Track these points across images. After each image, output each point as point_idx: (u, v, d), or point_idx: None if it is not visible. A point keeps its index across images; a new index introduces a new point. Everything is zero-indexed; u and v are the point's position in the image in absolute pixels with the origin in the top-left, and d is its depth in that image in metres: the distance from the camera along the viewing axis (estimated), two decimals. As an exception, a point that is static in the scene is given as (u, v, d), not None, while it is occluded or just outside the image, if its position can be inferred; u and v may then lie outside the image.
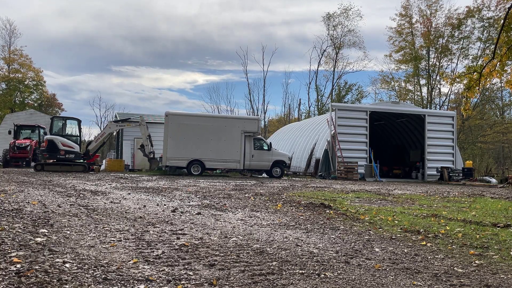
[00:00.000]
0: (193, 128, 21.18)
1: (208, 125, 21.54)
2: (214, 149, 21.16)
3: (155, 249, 4.14)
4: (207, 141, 21.17)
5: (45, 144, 20.03)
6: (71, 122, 21.52)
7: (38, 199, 7.49)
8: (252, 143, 21.83)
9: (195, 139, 21.11)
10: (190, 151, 21.02)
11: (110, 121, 22.47)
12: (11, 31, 51.68)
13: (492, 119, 45.72)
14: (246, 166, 21.75)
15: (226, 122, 22.08)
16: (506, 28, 10.27)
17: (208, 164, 21.38)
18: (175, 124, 21.23)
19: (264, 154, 21.90)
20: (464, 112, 11.88)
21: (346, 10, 48.96)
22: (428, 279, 3.55)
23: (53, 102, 58.67)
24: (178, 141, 21.05)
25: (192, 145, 21.03)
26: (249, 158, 21.65)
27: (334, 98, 49.51)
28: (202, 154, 21.09)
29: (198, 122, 21.59)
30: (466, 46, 42.93)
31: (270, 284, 3.20)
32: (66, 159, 20.07)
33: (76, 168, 19.88)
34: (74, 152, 20.27)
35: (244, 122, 21.95)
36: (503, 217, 7.62)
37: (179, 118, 21.78)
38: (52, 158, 19.99)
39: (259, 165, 21.92)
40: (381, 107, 27.49)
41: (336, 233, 5.55)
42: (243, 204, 8.40)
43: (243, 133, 21.50)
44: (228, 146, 21.33)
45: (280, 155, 22.50)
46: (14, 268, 3.16)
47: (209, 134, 21.22)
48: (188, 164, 21.08)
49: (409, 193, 13.09)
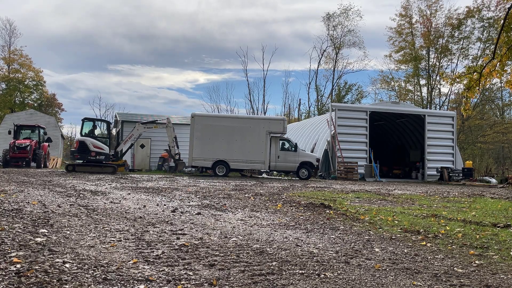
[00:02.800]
0: (218, 129, 21.18)
1: (233, 125, 21.45)
2: (239, 149, 21.04)
3: (155, 249, 4.13)
4: (231, 141, 21.07)
5: (76, 145, 20.19)
6: (101, 124, 21.74)
7: (38, 199, 7.49)
8: (278, 144, 21.50)
9: (220, 139, 21.06)
10: (215, 152, 20.99)
11: (138, 123, 22.62)
12: (11, 31, 51.71)
13: (492, 119, 45.72)
14: (271, 167, 21.46)
15: (251, 122, 21.86)
16: (506, 28, 10.27)
17: (233, 165, 21.21)
18: (201, 125, 21.34)
19: (290, 155, 21.45)
20: (464, 112, 11.88)
21: (346, 10, 49.00)
22: (428, 279, 3.55)
23: (53, 102, 58.65)
24: (204, 142, 21.10)
25: (217, 145, 21.00)
26: (275, 159, 21.32)
27: (334, 98, 49.51)
28: (227, 154, 21.01)
29: (223, 123, 21.61)
30: (466, 46, 42.98)
31: (270, 284, 3.20)
32: (96, 161, 20.19)
33: (106, 170, 19.89)
34: (104, 153, 20.44)
35: (269, 123, 21.61)
36: (503, 217, 7.62)
37: (204, 119, 21.97)
38: (82, 159, 20.13)
39: (285, 166, 21.50)
40: (381, 107, 27.50)
41: (336, 233, 5.55)
42: (243, 204, 8.41)
43: (268, 134, 21.19)
44: (253, 147, 21.08)
45: (307, 156, 21.89)
46: (14, 268, 3.16)
47: (234, 134, 21.11)
48: (213, 164, 21.07)
49: (409, 193, 13.09)
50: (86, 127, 21.01)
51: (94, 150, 19.98)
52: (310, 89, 52.86)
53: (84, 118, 21.61)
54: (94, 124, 21.40)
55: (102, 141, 20.80)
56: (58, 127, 41.48)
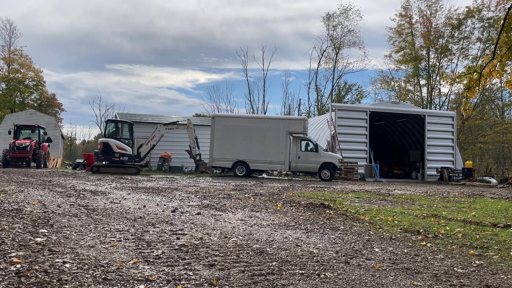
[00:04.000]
0: (238, 130, 21.14)
1: (252, 126, 21.29)
2: (259, 150, 20.85)
3: (155, 249, 4.13)
4: (251, 142, 20.92)
5: (100, 146, 20.30)
6: (124, 125, 21.82)
7: (38, 199, 7.48)
8: (299, 144, 21.05)
9: (240, 140, 20.99)
10: (235, 152, 20.92)
11: (160, 125, 22.78)
12: (11, 31, 51.72)
13: (492, 119, 45.72)
14: (292, 168, 21.08)
15: (271, 122, 21.51)
16: (506, 28, 10.28)
17: (253, 166, 21.04)
18: (221, 126, 21.33)
19: (311, 155, 20.88)
20: (464, 112, 11.88)
21: (346, 10, 48.97)
22: (428, 279, 3.55)
23: (53, 102, 58.67)
24: (224, 143, 21.08)
25: (237, 146, 20.94)
26: (295, 160, 20.91)
27: (334, 98, 49.50)
28: (246, 155, 20.89)
29: (243, 123, 21.55)
30: (466, 47, 42.99)
31: (270, 284, 3.20)
32: (120, 162, 20.32)
33: (129, 171, 20.09)
34: (127, 154, 20.56)
35: (289, 123, 21.25)
36: (503, 217, 7.62)
37: (225, 120, 21.97)
38: (106, 160, 20.27)
39: (306, 167, 21.03)
40: (381, 107, 27.50)
41: (336, 233, 5.55)
42: (243, 204, 8.40)
43: (288, 134, 20.84)
44: (273, 147, 20.79)
45: (329, 156, 21.17)
46: (14, 268, 3.16)
47: (253, 135, 20.96)
48: (233, 165, 21.01)
49: (409, 193, 13.09)
50: (109, 129, 21.20)
51: (118, 151, 20.17)
52: (310, 89, 52.87)
53: (107, 120, 22.06)
54: (116, 126, 21.50)
55: (125, 142, 20.95)
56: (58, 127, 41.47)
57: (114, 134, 20.97)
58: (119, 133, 21.12)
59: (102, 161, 20.29)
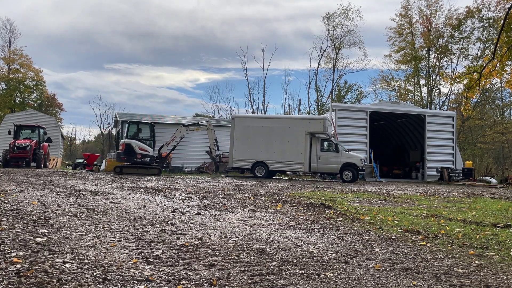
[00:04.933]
0: (257, 130, 21.02)
1: (272, 126, 21.07)
2: (278, 150, 20.62)
3: (155, 249, 4.13)
4: (270, 142, 20.74)
5: (123, 147, 20.54)
6: (145, 127, 22.04)
7: (38, 199, 7.48)
8: (319, 144, 20.61)
9: (259, 140, 20.85)
10: (254, 153, 20.82)
11: (181, 126, 23.00)
12: (11, 31, 51.73)
13: (492, 119, 45.74)
14: (312, 168, 20.67)
15: (290, 122, 21.31)
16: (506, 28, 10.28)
17: (272, 166, 20.83)
18: (241, 127, 21.29)
19: (332, 156, 20.40)
20: (464, 112, 11.89)
21: (346, 10, 48.94)
22: (428, 279, 3.55)
23: (53, 102, 58.69)
24: (243, 143, 21.01)
25: (256, 147, 20.81)
26: (315, 160, 20.46)
27: (334, 98, 49.48)
28: (266, 156, 20.72)
29: (262, 124, 21.43)
30: (466, 47, 42.99)
31: (270, 284, 3.20)
32: (142, 162, 20.54)
33: (151, 171, 20.31)
34: (149, 155, 20.75)
35: (309, 122, 20.89)
36: (503, 217, 7.62)
37: (244, 121, 21.91)
38: (129, 161, 20.48)
39: (326, 168, 20.64)
40: (381, 107, 27.49)
41: (336, 233, 5.55)
42: (243, 204, 8.40)
43: (308, 134, 20.43)
44: (292, 148, 20.48)
45: (351, 157, 20.52)
46: (14, 268, 3.16)
47: (272, 135, 20.76)
48: (252, 166, 20.92)
49: (409, 193, 13.09)
50: (131, 130, 21.41)
51: (140, 152, 20.41)
52: (310, 89, 52.83)
53: (129, 121, 22.22)
54: (138, 127, 21.74)
55: (146, 143, 21.16)
56: (58, 127, 41.49)
57: (136, 135, 21.23)
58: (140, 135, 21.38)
59: (125, 162, 20.55)
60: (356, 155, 20.94)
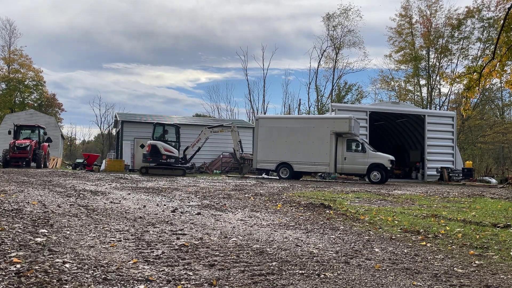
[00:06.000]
0: (281, 131, 20.84)
1: (296, 126, 20.79)
2: (302, 151, 20.30)
3: (155, 249, 4.13)
4: (295, 143, 20.47)
5: (149, 148, 20.81)
6: (171, 128, 22.35)
7: (38, 199, 7.48)
8: (345, 144, 20.04)
9: (283, 141, 20.65)
10: (279, 154, 20.63)
11: (205, 128, 23.19)
12: (11, 31, 51.75)
13: (492, 119, 45.75)
14: (338, 169, 20.16)
15: (315, 122, 20.93)
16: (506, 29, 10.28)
17: (296, 167, 20.56)
18: (265, 128, 21.17)
19: (358, 156, 19.79)
20: (464, 112, 11.90)
21: (346, 10, 48.97)
22: (428, 279, 3.55)
23: (53, 102, 58.71)
24: (268, 144, 20.89)
25: (280, 147, 20.61)
26: (341, 161, 19.92)
27: (334, 98, 49.51)
28: (290, 156, 20.48)
29: (286, 124, 21.21)
30: (466, 47, 43.02)
31: (270, 284, 3.20)
32: (167, 163, 20.77)
33: (176, 172, 20.65)
34: (174, 156, 20.99)
35: (334, 122, 20.26)
36: (503, 217, 7.62)
37: (268, 121, 21.80)
38: (154, 162, 20.70)
39: (353, 168, 19.99)
40: (381, 107, 27.49)
41: (336, 233, 5.55)
42: (243, 204, 8.40)
43: (333, 134, 19.95)
44: (317, 148, 20.05)
45: (378, 157, 19.85)
46: (14, 268, 3.16)
47: (297, 136, 20.48)
48: (276, 167, 20.74)
49: (409, 194, 13.09)
50: (157, 131, 21.70)
51: (165, 153, 20.64)
52: (310, 89, 52.90)
53: (155, 123, 22.61)
54: (164, 129, 22.05)
55: (172, 144, 21.41)
56: (58, 127, 41.51)
57: (162, 137, 21.52)
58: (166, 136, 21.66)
59: (150, 163, 20.79)
60: (384, 155, 20.25)
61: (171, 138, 21.82)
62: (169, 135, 21.80)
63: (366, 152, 19.84)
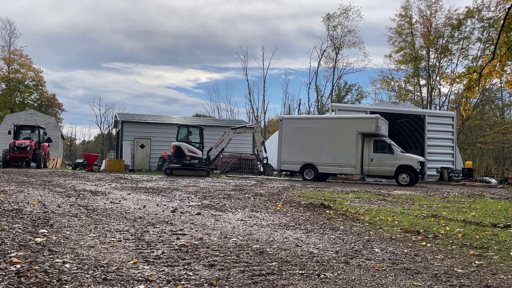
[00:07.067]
0: (306, 131, 20.46)
1: (320, 127, 20.43)
2: (327, 152, 19.84)
3: (155, 249, 4.13)
4: (319, 144, 20.04)
5: (173, 150, 21.07)
6: (195, 130, 22.57)
7: (38, 199, 7.48)
8: (372, 145, 19.44)
9: (307, 142, 20.27)
10: (303, 155, 20.26)
11: (228, 129, 23.23)
12: (11, 31, 51.75)
13: (492, 120, 45.76)
14: (364, 171, 19.65)
15: (340, 122, 20.28)
16: (506, 29, 10.28)
17: (321, 169, 20.07)
18: (288, 128, 20.92)
19: (386, 157, 19.12)
20: (464, 112, 11.90)
21: (346, 10, 49.01)
22: (428, 279, 3.55)
23: (53, 102, 58.71)
24: (291, 145, 20.62)
25: (305, 148, 20.27)
26: (368, 163, 19.37)
27: (334, 99, 49.54)
28: (315, 158, 20.04)
29: (310, 125, 20.91)
30: (466, 47, 43.05)
31: (270, 285, 3.20)
32: (191, 164, 20.98)
33: (200, 173, 20.85)
34: (198, 158, 21.20)
35: (360, 122, 19.67)
36: (503, 217, 7.62)
37: (292, 122, 21.61)
38: (178, 163, 20.91)
39: (380, 170, 19.38)
40: (381, 108, 27.48)
41: (336, 233, 5.55)
42: (243, 204, 8.40)
43: (359, 134, 19.39)
44: (342, 149, 19.56)
45: (407, 158, 19.20)
46: (14, 268, 3.16)
47: (321, 136, 20.04)
48: (301, 168, 20.40)
49: (409, 194, 13.09)
50: (182, 133, 21.91)
51: (189, 154, 20.89)
52: (310, 89, 52.97)
53: (180, 125, 22.92)
54: (188, 130, 22.28)
55: (195, 146, 21.60)
56: (58, 127, 41.53)
57: (186, 138, 21.74)
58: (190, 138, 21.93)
59: (175, 164, 20.97)
60: (414, 156, 19.76)
61: (195, 139, 22.02)
62: (193, 137, 22.03)
63: (394, 153, 19.20)
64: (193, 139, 21.94)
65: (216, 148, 22.53)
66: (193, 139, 21.96)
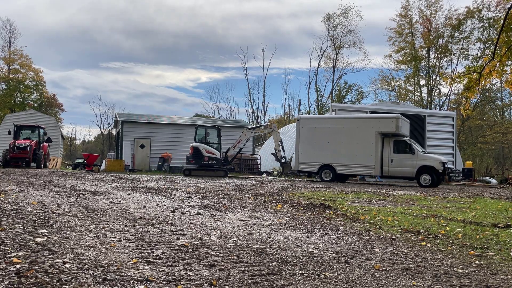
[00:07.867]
0: (324, 131, 20.16)
1: (338, 127, 20.03)
2: (346, 153, 19.48)
3: (155, 249, 4.13)
4: (338, 144, 19.69)
5: (191, 151, 21.19)
6: (213, 130, 22.69)
7: (38, 200, 7.48)
8: (392, 145, 18.95)
9: (325, 142, 19.96)
10: (321, 156, 19.97)
11: (246, 129, 23.32)
12: (11, 31, 51.78)
13: (492, 120, 45.78)
14: (384, 172, 19.09)
15: (358, 122, 19.93)
16: (506, 29, 10.29)
17: (340, 170, 19.71)
18: (306, 128, 20.73)
19: (406, 158, 18.63)
20: (464, 112, 11.90)
21: (346, 10, 49.04)
22: (428, 279, 3.55)
23: (53, 102, 58.72)
24: (309, 146, 20.41)
25: (323, 149, 19.94)
26: (388, 163, 18.87)
27: (334, 99, 49.56)
28: (333, 158, 19.70)
29: (328, 125, 20.52)
30: (466, 47, 43.09)
31: (270, 285, 3.20)
32: (209, 165, 21.08)
33: (218, 174, 21.01)
34: (216, 158, 21.29)
35: (379, 122, 19.12)
36: (503, 217, 7.62)
37: (309, 122, 21.43)
38: (197, 164, 21.02)
39: (400, 171, 18.82)
40: (381, 108, 27.47)
41: (336, 233, 5.55)
42: (243, 204, 8.40)
43: (378, 134, 18.93)
44: (361, 150, 19.15)
45: (428, 159, 18.62)
46: (14, 268, 3.16)
47: (340, 136, 19.71)
48: (319, 169, 20.12)
49: (409, 194, 13.09)
50: (200, 134, 22.02)
51: (207, 155, 21.00)
52: (310, 89, 53.04)
53: (197, 126, 22.93)
54: (206, 131, 22.39)
55: (213, 146, 21.68)
56: (58, 127, 41.56)
57: (204, 139, 21.87)
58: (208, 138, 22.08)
59: (193, 164, 21.06)
60: (435, 157, 19.02)
61: (213, 140, 22.09)
62: (210, 137, 22.11)
63: (415, 153, 18.68)
64: (211, 139, 22.02)
65: (234, 149, 22.55)
66: (211, 139, 22.03)
